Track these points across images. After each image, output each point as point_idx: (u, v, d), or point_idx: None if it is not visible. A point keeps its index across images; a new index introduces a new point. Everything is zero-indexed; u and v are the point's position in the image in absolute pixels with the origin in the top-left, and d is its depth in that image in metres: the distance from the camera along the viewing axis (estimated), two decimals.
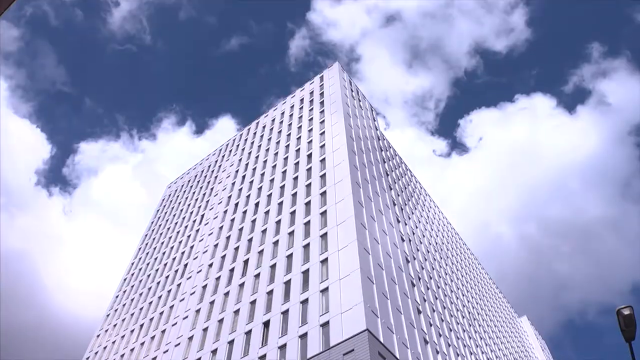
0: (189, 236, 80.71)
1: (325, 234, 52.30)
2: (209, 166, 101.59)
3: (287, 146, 78.32)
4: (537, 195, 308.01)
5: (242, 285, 56.92)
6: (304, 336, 43.13)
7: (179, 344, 57.39)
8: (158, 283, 76.09)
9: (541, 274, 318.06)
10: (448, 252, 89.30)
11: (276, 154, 79.36)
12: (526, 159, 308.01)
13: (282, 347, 44.03)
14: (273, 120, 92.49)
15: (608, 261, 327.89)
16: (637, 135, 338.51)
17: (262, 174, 77.04)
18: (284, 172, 71.95)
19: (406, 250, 62.97)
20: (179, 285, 69.78)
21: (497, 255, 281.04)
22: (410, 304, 52.70)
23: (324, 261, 48.89)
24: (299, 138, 77.66)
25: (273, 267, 54.90)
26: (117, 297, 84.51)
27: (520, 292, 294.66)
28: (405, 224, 70.35)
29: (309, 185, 63.39)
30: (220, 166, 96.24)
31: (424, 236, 77.76)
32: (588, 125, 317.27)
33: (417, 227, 76.43)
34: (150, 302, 72.77)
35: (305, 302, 46.42)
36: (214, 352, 51.22)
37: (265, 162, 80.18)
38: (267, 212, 66.20)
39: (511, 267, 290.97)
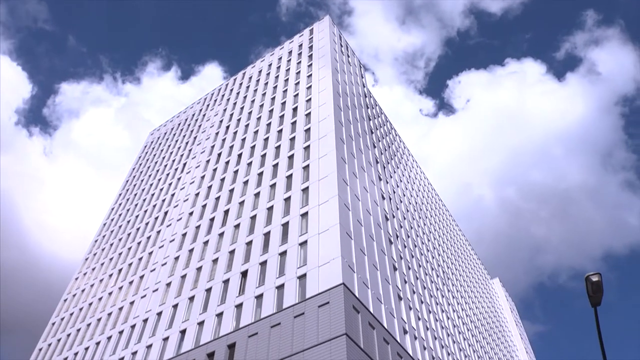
0: (170, 184, 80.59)
1: (307, 188, 52.59)
2: (193, 115, 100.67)
3: (273, 99, 77.72)
4: (520, 159, 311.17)
5: (221, 234, 57.34)
6: (280, 287, 43.87)
7: (157, 289, 58.05)
8: (138, 229, 76.28)
9: (518, 237, 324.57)
10: (427, 212, 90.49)
11: (261, 105, 78.77)
12: (512, 123, 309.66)
13: (259, 297, 44.79)
14: (260, 71, 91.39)
15: (583, 228, 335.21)
16: (623, 106, 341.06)
17: (247, 126, 76.62)
18: (269, 124, 71.60)
19: (386, 208, 63.65)
20: (158, 232, 70.05)
21: (476, 217, 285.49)
22: (387, 261, 53.65)
23: (304, 215, 49.33)
24: (285, 91, 77.01)
25: (253, 218, 55.27)
26: (96, 241, 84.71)
27: (496, 253, 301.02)
28: (387, 183, 70.89)
29: (293, 139, 63.27)
30: (204, 115, 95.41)
31: (404, 195, 78.53)
32: (576, 93, 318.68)
33: (398, 186, 77.08)
34: (130, 248, 73.10)
35: (283, 254, 47.03)
36: (191, 299, 51.94)
37: (250, 113, 79.62)
38: (249, 164, 66.17)
39: (490, 229, 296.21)
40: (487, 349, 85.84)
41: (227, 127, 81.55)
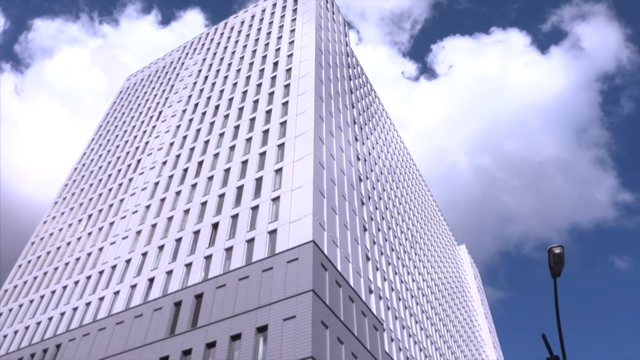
0: (144, 132, 79.45)
1: (283, 144, 52.40)
2: (172, 62, 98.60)
3: (254, 51, 76.45)
4: (497, 129, 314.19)
5: (194, 185, 57.09)
6: (251, 241, 44.12)
7: (126, 237, 57.89)
8: (109, 175, 75.44)
9: (489, 205, 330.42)
10: (400, 176, 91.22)
11: (242, 58, 77.49)
12: (492, 92, 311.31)
13: (229, 250, 45.04)
14: (242, 22, 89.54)
15: (553, 200, 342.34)
16: (602, 83, 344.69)
17: (226, 77, 75.48)
18: (248, 77, 70.63)
19: (360, 170, 63.97)
20: (130, 179, 69.40)
21: (450, 183, 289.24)
22: (357, 221, 54.22)
23: (279, 171, 49.30)
24: (267, 44, 75.77)
25: (227, 171, 55.05)
26: (66, 185, 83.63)
27: (466, 219, 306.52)
28: (363, 144, 71.03)
29: (271, 94, 62.63)
30: (183, 64, 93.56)
31: (379, 157, 78.90)
32: (558, 67, 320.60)
33: (373, 148, 77.32)
34: (100, 194, 72.41)
35: (255, 208, 47.13)
36: (161, 248, 51.99)
37: (229, 65, 78.31)
38: (226, 116, 65.47)
39: (462, 196, 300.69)
40: (448, 312, 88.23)
41: (206, 78, 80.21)
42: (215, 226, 49.08)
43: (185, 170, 61.15)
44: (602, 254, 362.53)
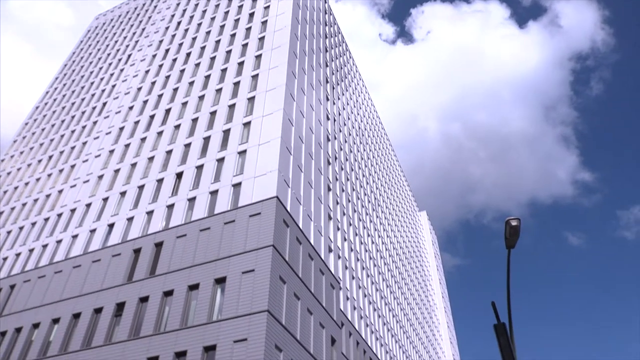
0: (112, 74, 77.30)
1: (253, 97, 51.77)
2: (144, 4, 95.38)
3: (230, 0, 74.50)
4: (469, 98, 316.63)
5: (160, 133, 56.19)
6: (214, 193, 43.94)
7: (87, 180, 56.93)
8: (73, 117, 73.55)
9: (455, 174, 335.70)
10: (368, 139, 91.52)
11: (217, 6, 75.43)
12: (467, 62, 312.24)
13: (192, 200, 44.81)
14: None
15: (516, 173, 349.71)
16: (576, 62, 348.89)
17: (199, 24, 73.54)
18: (222, 26, 68.98)
19: (329, 129, 63.89)
20: (95, 122, 67.81)
21: (418, 148, 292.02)
22: (322, 181, 54.47)
23: (247, 124, 48.84)
24: None
25: (195, 121, 54.26)
26: (26, 124, 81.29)
27: (431, 185, 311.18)
28: (334, 104, 70.75)
29: (245, 45, 61.44)
30: (155, 7, 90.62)
31: (348, 119, 78.83)
32: (534, 42, 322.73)
33: (344, 109, 77.14)
34: (62, 135, 70.69)
35: (221, 160, 46.78)
36: (123, 194, 51.37)
37: (204, 12, 76.21)
38: (197, 65, 64.09)
39: (429, 162, 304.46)
40: (404, 276, 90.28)
41: (179, 23, 78.01)
42: (179, 176, 48.62)
43: (152, 117, 60.01)
44: (557, 229, 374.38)
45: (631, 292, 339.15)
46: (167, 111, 59.06)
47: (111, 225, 48.62)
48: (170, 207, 45.76)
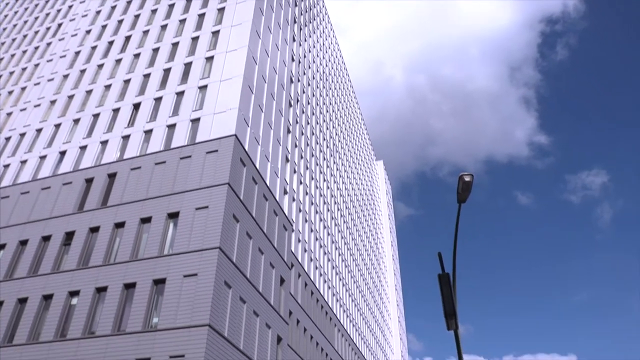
0: None
1: (218, 31, 50.30)
2: None
3: None
4: (437, 51, 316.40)
5: (118, 61, 54.28)
6: (172, 127, 43.15)
7: (39, 105, 54.90)
8: (25, 36, 70.10)
9: (416, 125, 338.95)
10: (331, 84, 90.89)
11: None
12: (438, 14, 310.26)
13: (148, 132, 43.93)
14: None
15: (476, 130, 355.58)
16: (545, 25, 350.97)
17: None
18: None
19: (293, 71, 63.03)
20: (48, 44, 64.85)
21: (382, 97, 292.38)
22: (282, 123, 54.12)
23: (210, 59, 47.61)
24: None
25: (155, 51, 52.52)
26: None
27: (391, 134, 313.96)
28: (300, 45, 69.57)
29: None
30: None
31: (313, 62, 77.84)
32: (507, 0, 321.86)
33: (309, 51, 76.00)
34: (13, 55, 67.47)
35: (181, 94, 45.73)
36: (77, 121, 49.88)
37: None
38: None
39: (392, 111, 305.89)
40: (356, 222, 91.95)
41: None
42: (136, 107, 47.40)
43: (111, 43, 57.74)
44: (509, 188, 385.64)
45: (571, 252, 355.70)
46: (127, 38, 56.88)
47: (63, 153, 47.37)
48: (126, 138, 44.78)
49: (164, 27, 55.28)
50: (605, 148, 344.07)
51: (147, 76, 49.97)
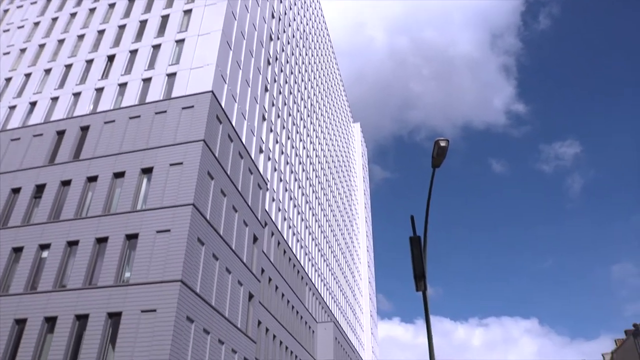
0: None
1: None
2: None
3: None
4: (420, 14, 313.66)
5: (92, 10, 52.60)
6: (147, 80, 42.31)
7: (8, 53, 53.15)
8: None
9: (395, 88, 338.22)
10: (312, 43, 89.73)
11: None
12: None
13: (123, 86, 43.03)
14: None
15: (456, 96, 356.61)
16: None
17: None
18: None
19: (272, 28, 61.96)
20: None
21: (362, 58, 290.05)
22: (260, 80, 53.48)
23: (188, 12, 46.40)
24: None
25: (131, 1, 50.89)
26: None
27: (370, 97, 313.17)
28: (281, 2, 68.20)
29: None
30: None
31: (294, 19, 76.55)
32: None
33: (290, 9, 74.64)
34: None
35: (157, 47, 44.68)
36: (48, 71, 48.54)
37: None
38: None
39: (372, 73, 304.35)
40: (330, 183, 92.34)
41: None
42: (111, 58, 46.25)
43: None
44: (484, 155, 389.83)
45: (541, 220, 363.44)
46: None
47: (33, 104, 46.22)
48: (100, 90, 43.83)
49: None
50: (580, 119, 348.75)
51: (122, 27, 48.64)
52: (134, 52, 45.45)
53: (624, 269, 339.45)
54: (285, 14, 71.01)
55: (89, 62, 47.00)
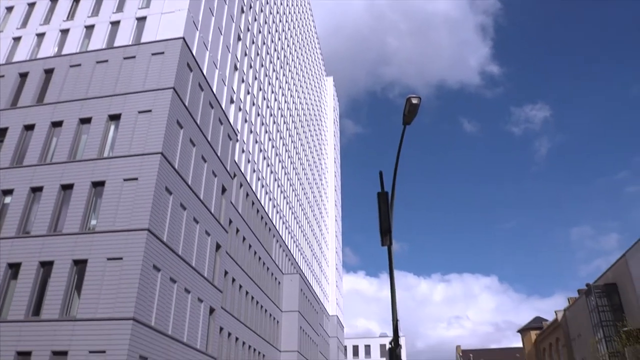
0: None
1: None
2: None
3: None
4: None
5: None
6: (115, 24, 40.88)
7: None
8: None
9: (372, 42, 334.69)
10: None
11: None
12: None
13: (90, 28, 41.50)
14: None
15: (432, 54, 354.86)
16: None
17: None
18: None
19: None
20: None
21: (339, 10, 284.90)
22: (233, 29, 52.24)
23: None
24: None
25: None
26: None
27: (345, 50, 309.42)
28: None
29: None
30: None
31: None
32: None
33: None
34: None
35: None
36: (10, 9, 46.33)
37: None
38: None
39: (348, 26, 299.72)
40: (301, 137, 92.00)
41: None
42: None
43: None
44: (456, 114, 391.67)
45: (507, 181, 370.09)
46: None
47: None
48: (65, 32, 42.20)
49: None
50: (552, 84, 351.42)
51: None
52: None
53: (582, 232, 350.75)
54: None
55: (54, 1, 45.03)
